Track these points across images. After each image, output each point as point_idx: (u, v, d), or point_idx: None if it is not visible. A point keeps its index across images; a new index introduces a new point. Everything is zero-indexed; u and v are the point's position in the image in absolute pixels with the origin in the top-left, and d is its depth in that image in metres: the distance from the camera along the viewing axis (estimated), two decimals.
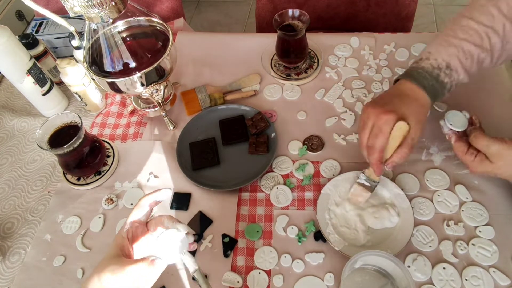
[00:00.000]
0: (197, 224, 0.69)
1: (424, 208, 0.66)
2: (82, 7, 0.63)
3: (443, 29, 0.64)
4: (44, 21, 1.00)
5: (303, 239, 0.65)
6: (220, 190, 0.72)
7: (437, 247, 0.62)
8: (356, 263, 0.56)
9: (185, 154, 0.78)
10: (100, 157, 0.76)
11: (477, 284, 0.58)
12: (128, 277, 0.46)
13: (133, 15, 0.72)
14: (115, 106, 0.89)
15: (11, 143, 0.87)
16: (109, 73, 0.71)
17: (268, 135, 0.77)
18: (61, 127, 0.73)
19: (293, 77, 0.88)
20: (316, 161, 0.74)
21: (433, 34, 0.93)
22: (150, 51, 0.73)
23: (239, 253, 0.65)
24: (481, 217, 0.63)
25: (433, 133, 0.75)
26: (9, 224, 0.74)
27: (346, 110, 0.81)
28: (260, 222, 0.68)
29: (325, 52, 0.91)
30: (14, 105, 0.94)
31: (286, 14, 0.83)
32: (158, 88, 0.75)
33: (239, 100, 0.86)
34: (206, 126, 0.82)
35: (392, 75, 0.85)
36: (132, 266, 0.46)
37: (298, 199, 0.70)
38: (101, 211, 0.73)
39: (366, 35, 0.93)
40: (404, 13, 1.16)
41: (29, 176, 0.80)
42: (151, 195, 0.54)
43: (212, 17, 2.47)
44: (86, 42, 0.71)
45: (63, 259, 0.68)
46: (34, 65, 0.81)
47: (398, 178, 0.70)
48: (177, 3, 1.23)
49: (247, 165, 0.74)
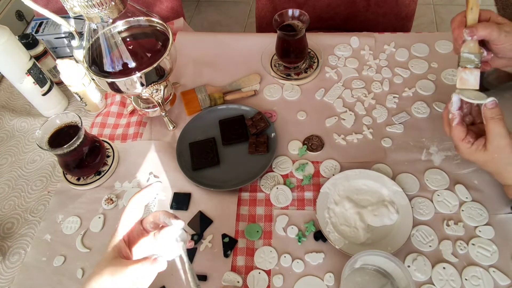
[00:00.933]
0: (197, 224, 0.69)
1: (424, 208, 0.66)
2: (82, 7, 0.63)
3: (443, 29, 0.64)
4: (44, 21, 1.00)
5: (303, 239, 0.65)
6: (220, 190, 0.72)
7: (437, 247, 0.62)
8: (356, 263, 0.56)
9: (185, 154, 0.78)
10: (100, 157, 0.76)
11: (477, 284, 0.58)
12: (129, 277, 0.45)
13: (133, 15, 0.72)
14: (115, 106, 0.89)
15: (11, 143, 0.87)
16: (109, 73, 0.71)
17: (268, 135, 0.77)
18: (61, 127, 0.73)
19: (293, 77, 0.88)
20: (316, 161, 0.75)
21: (433, 34, 0.92)
22: (150, 51, 0.73)
23: (239, 253, 0.65)
24: (481, 217, 0.63)
25: (433, 133, 0.75)
26: (9, 224, 0.74)
27: (346, 110, 0.81)
28: (260, 222, 0.68)
29: (325, 52, 0.91)
30: (14, 105, 0.94)
31: (286, 14, 0.83)
32: (158, 88, 0.75)
33: (239, 100, 0.86)
34: (206, 126, 0.82)
35: (392, 75, 0.85)
36: (133, 266, 0.46)
37: (298, 199, 0.70)
38: (101, 211, 0.73)
39: (366, 35, 0.93)
40: (404, 13, 1.16)
41: (29, 176, 0.80)
42: (141, 193, 0.52)
43: (212, 17, 2.47)
44: (86, 42, 0.71)
45: (63, 259, 0.68)
46: (34, 65, 0.81)
47: (398, 178, 0.70)
48: (177, 3, 1.23)
49: (247, 165, 0.75)
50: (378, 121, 0.79)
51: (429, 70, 0.85)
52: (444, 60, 0.86)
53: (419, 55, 0.88)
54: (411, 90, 0.82)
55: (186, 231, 0.51)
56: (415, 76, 0.84)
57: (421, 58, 0.87)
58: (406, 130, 0.76)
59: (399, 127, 0.77)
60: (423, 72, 0.85)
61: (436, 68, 0.85)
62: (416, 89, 0.82)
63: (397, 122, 0.78)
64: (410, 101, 0.81)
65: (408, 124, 0.77)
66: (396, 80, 0.84)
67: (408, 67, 0.86)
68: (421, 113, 0.78)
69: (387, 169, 0.71)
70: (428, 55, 0.87)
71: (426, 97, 0.81)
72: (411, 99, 0.81)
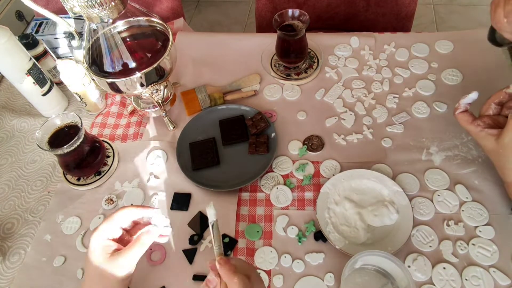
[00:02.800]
0: (197, 224, 0.69)
1: (424, 208, 0.66)
2: (82, 7, 0.63)
3: (443, 29, 0.64)
4: (44, 21, 1.00)
5: (303, 239, 0.65)
6: (220, 190, 0.72)
7: (437, 247, 0.62)
8: (356, 263, 0.56)
9: (185, 154, 0.78)
10: (100, 157, 0.76)
11: (477, 284, 0.58)
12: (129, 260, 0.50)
13: (133, 15, 0.72)
14: (115, 106, 0.89)
15: (11, 143, 0.87)
16: (109, 73, 0.70)
17: (268, 135, 0.77)
18: (61, 128, 0.73)
19: (293, 77, 0.88)
20: (316, 161, 0.75)
21: (433, 34, 0.92)
22: (150, 51, 0.73)
23: (239, 253, 0.65)
24: (481, 217, 0.63)
25: (433, 133, 0.75)
26: (9, 224, 0.74)
27: (346, 110, 0.81)
28: (260, 222, 0.68)
29: (325, 52, 0.91)
30: (14, 105, 0.94)
31: (286, 14, 0.83)
32: (158, 88, 0.75)
33: (239, 100, 0.86)
34: (206, 126, 0.82)
35: (392, 75, 0.85)
36: (131, 250, 0.50)
37: (298, 199, 0.70)
38: (101, 212, 0.73)
39: (366, 35, 0.93)
40: (404, 13, 1.16)
41: (29, 177, 0.80)
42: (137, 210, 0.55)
43: (212, 17, 2.47)
44: (86, 42, 0.71)
45: (63, 260, 0.68)
46: (34, 65, 0.81)
47: (398, 178, 0.70)
48: (177, 3, 1.23)
49: (247, 165, 0.74)
50: (378, 121, 0.79)
51: (429, 70, 0.85)
52: (444, 60, 0.86)
53: (419, 55, 0.88)
54: (411, 90, 0.82)
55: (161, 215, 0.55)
56: (415, 76, 0.84)
57: (421, 58, 0.87)
58: (406, 130, 0.76)
59: (399, 127, 0.77)
60: (423, 72, 0.85)
61: (436, 68, 0.85)
62: (416, 89, 0.82)
63: (397, 122, 0.78)
64: (410, 101, 0.81)
65: (408, 124, 0.77)
66: (396, 80, 0.84)
67: (408, 67, 0.86)
68: (421, 113, 0.78)
69: (387, 169, 0.71)
70: (428, 55, 0.87)
71: (426, 97, 0.81)
72: (411, 99, 0.81)
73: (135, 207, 0.54)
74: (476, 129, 0.60)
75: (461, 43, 0.88)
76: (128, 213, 0.54)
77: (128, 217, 0.54)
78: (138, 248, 0.51)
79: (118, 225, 0.54)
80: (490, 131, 0.59)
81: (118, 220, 0.53)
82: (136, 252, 0.51)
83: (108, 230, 0.53)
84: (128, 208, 0.54)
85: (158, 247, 0.67)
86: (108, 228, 0.53)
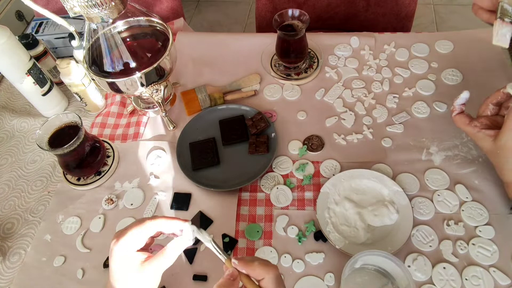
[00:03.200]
0: (197, 224, 0.68)
1: (424, 208, 0.66)
2: (82, 7, 0.63)
3: (443, 29, 0.64)
4: (44, 21, 1.00)
5: (303, 239, 0.65)
6: (220, 190, 0.72)
7: (437, 247, 0.62)
8: (356, 263, 0.56)
9: (185, 154, 0.78)
10: (100, 157, 0.76)
11: (477, 283, 0.58)
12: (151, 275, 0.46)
13: (133, 15, 0.72)
14: (115, 106, 0.89)
15: (11, 143, 0.87)
16: (109, 73, 0.71)
17: (268, 135, 0.77)
18: (61, 127, 0.73)
19: (293, 77, 0.88)
20: (316, 161, 0.75)
21: (433, 34, 0.92)
22: (150, 51, 0.73)
23: (239, 253, 0.65)
24: (481, 217, 0.63)
25: (433, 133, 0.75)
26: (9, 224, 0.74)
27: (346, 110, 0.81)
28: (260, 222, 0.68)
29: (325, 52, 0.91)
30: (14, 105, 0.94)
31: (286, 14, 0.83)
32: (158, 88, 0.75)
33: (239, 100, 0.86)
34: (206, 126, 0.82)
35: (392, 75, 0.85)
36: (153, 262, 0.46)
37: (298, 199, 0.70)
38: (101, 212, 0.73)
39: (366, 35, 0.93)
40: (404, 13, 1.16)
41: (29, 177, 0.80)
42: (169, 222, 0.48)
43: (212, 17, 2.47)
44: (86, 42, 0.71)
45: (63, 260, 0.68)
46: (34, 65, 0.81)
47: (398, 178, 0.70)
48: (177, 3, 1.23)
49: (247, 165, 0.74)
50: (378, 121, 0.79)
51: (429, 70, 0.85)
52: (444, 60, 0.86)
53: (419, 55, 0.88)
54: (411, 90, 0.82)
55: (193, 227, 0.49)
56: (415, 76, 0.85)
57: (421, 58, 0.87)
58: (406, 130, 0.76)
59: (399, 127, 0.77)
60: (423, 72, 0.85)
61: (436, 68, 0.85)
62: (416, 89, 0.82)
63: (397, 122, 0.78)
64: (410, 101, 0.81)
65: (408, 124, 0.77)
66: (396, 80, 0.84)
67: (408, 67, 0.86)
68: (421, 113, 0.78)
69: (387, 169, 0.71)
70: (428, 55, 0.87)
71: (426, 97, 0.81)
72: (411, 99, 0.81)
73: (165, 218, 0.48)
74: (473, 130, 0.60)
75: (461, 43, 0.88)
76: (159, 225, 0.47)
77: (157, 228, 0.48)
78: (165, 260, 0.46)
79: (147, 235, 0.47)
80: (487, 132, 0.58)
81: (148, 230, 0.47)
82: (163, 264, 0.46)
83: (136, 240, 0.46)
84: (160, 219, 0.48)
85: (158, 247, 0.67)
86: (136, 237, 0.46)
